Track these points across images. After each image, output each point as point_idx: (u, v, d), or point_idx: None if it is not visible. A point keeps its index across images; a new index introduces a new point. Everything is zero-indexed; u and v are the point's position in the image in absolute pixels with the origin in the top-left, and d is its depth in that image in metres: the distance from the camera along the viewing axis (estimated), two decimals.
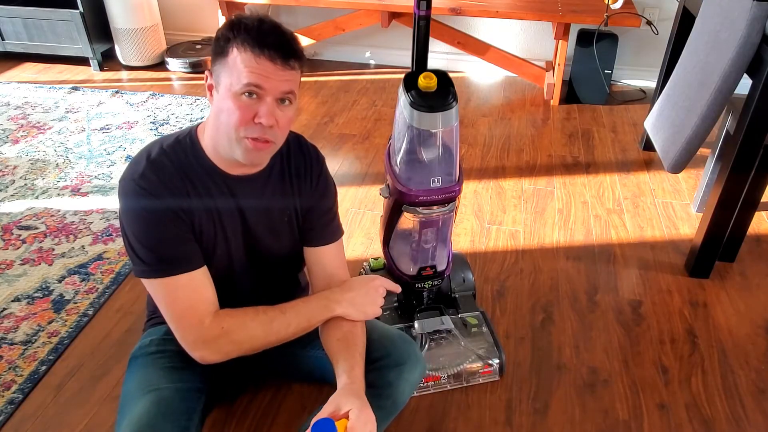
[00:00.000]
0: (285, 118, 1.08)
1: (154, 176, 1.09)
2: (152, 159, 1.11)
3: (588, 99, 3.13)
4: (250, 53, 1.02)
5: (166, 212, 1.09)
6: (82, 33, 3.27)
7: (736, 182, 1.78)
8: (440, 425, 1.46)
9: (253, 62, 1.02)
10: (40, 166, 2.50)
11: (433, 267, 1.55)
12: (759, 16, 1.61)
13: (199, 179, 1.14)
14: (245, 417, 1.46)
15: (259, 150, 1.08)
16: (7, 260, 1.96)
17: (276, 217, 1.24)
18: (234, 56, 1.03)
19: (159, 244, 1.09)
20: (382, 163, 2.53)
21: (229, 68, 1.04)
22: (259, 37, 1.02)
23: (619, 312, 1.81)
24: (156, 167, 1.10)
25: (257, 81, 1.02)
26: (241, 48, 1.02)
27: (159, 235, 1.09)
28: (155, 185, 1.09)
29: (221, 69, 1.06)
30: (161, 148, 1.13)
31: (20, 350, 1.64)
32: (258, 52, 1.02)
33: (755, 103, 1.65)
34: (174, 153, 1.13)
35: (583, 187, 2.42)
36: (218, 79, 1.07)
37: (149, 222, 1.09)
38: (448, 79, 1.31)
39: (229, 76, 1.04)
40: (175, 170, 1.11)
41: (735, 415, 1.50)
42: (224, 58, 1.05)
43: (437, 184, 1.36)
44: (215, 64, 1.07)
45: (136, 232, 1.09)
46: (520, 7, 2.92)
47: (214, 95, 1.08)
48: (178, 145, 1.14)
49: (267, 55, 1.02)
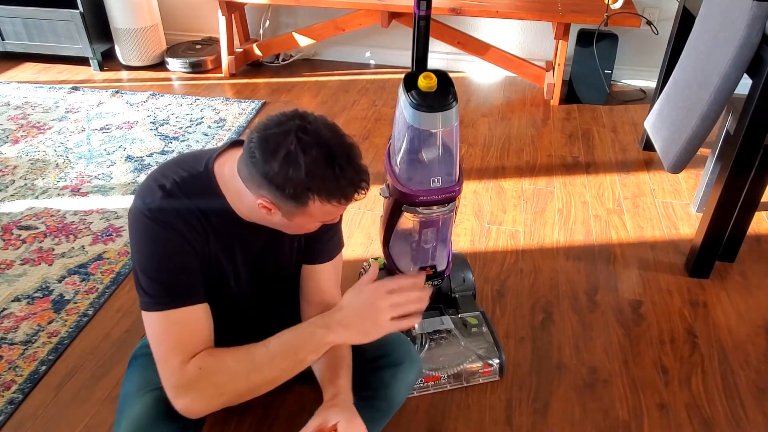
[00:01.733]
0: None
1: (169, 208, 1.03)
2: (168, 190, 1.04)
3: (588, 99, 3.13)
4: (331, 206, 0.97)
5: (177, 242, 1.03)
6: (82, 33, 3.27)
7: (736, 182, 1.78)
8: (440, 425, 1.46)
9: (332, 209, 0.99)
10: (40, 166, 2.50)
11: (433, 267, 1.55)
12: (759, 16, 1.61)
13: (212, 215, 1.08)
14: (245, 417, 1.46)
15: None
16: (7, 260, 1.97)
17: (286, 253, 1.22)
18: (313, 206, 0.97)
19: (163, 274, 1.03)
20: (382, 163, 2.52)
21: (304, 214, 0.99)
22: (342, 192, 0.96)
23: (619, 312, 1.81)
24: (171, 200, 1.04)
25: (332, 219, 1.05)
26: (324, 201, 0.96)
27: (165, 264, 1.03)
28: (169, 217, 1.03)
29: (292, 209, 0.98)
30: (175, 182, 1.06)
31: (20, 350, 1.64)
32: (340, 203, 0.97)
33: (755, 103, 1.65)
34: (189, 190, 1.06)
35: (583, 187, 2.42)
36: (285, 209, 0.99)
37: (157, 251, 1.03)
38: (448, 79, 1.31)
39: (302, 217, 1.00)
40: (190, 207, 1.05)
41: (735, 415, 1.50)
42: (299, 207, 0.97)
43: (437, 184, 1.36)
44: (283, 202, 0.97)
45: (142, 262, 1.03)
46: (520, 7, 2.92)
47: (273, 211, 1.00)
48: (194, 181, 1.07)
49: (344, 203, 0.99)
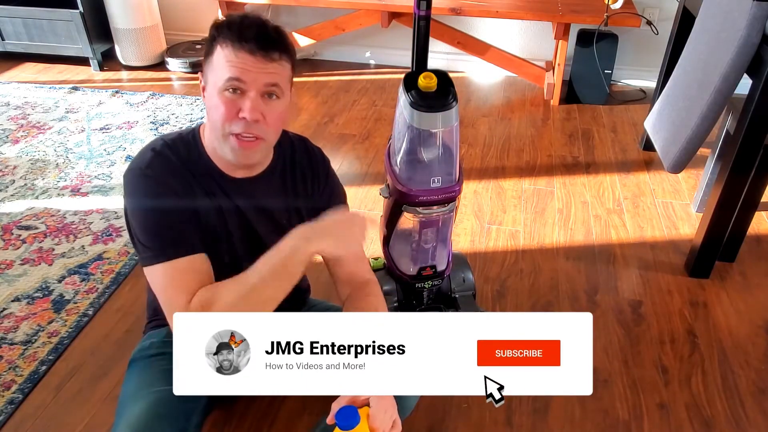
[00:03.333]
0: (273, 113, 1.07)
1: (160, 165, 1.10)
2: (157, 151, 1.12)
3: (588, 99, 3.13)
4: (230, 48, 1.03)
5: (170, 195, 1.09)
6: (82, 33, 3.27)
7: (736, 182, 1.78)
8: (440, 425, 1.46)
9: (233, 56, 1.02)
10: (40, 166, 2.50)
11: (433, 267, 1.55)
12: (759, 16, 1.61)
13: (201, 176, 1.14)
14: (245, 417, 1.46)
15: (246, 149, 1.08)
16: (7, 260, 1.96)
17: (277, 218, 1.23)
18: (217, 53, 1.04)
19: (161, 226, 1.08)
20: (382, 163, 2.52)
21: (213, 66, 1.05)
22: (239, 31, 1.03)
23: (619, 312, 1.81)
24: (161, 158, 1.11)
25: (237, 74, 1.02)
26: (223, 44, 1.03)
27: (162, 217, 1.08)
28: (161, 173, 1.10)
29: (208, 68, 1.07)
30: (164, 142, 1.14)
31: (20, 350, 1.64)
32: (238, 46, 1.02)
33: (755, 103, 1.65)
34: (177, 148, 1.14)
35: (583, 187, 2.42)
36: (207, 78, 1.08)
37: (153, 205, 1.09)
38: (448, 79, 1.31)
39: (213, 73, 1.05)
40: (178, 164, 1.12)
41: (735, 415, 1.50)
42: (210, 57, 1.06)
43: (437, 184, 1.36)
44: (205, 65, 1.08)
45: (139, 218, 1.09)
46: (520, 7, 2.92)
47: (206, 95, 1.09)
48: (181, 141, 1.15)
49: (246, 49, 1.02)
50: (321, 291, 1.77)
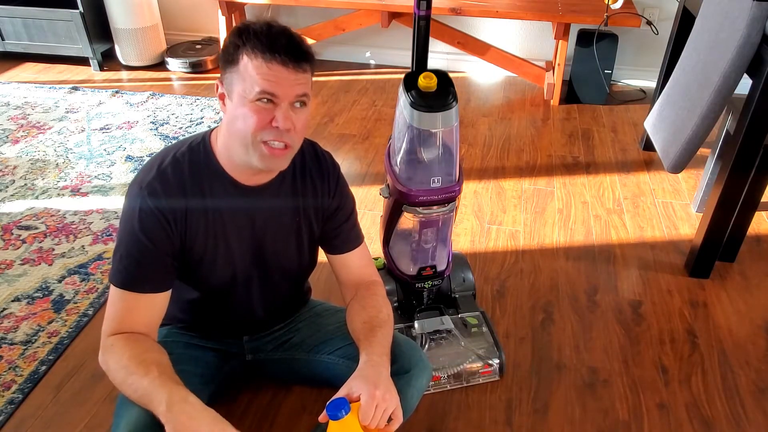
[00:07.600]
0: (300, 121, 1.07)
1: (160, 187, 1.09)
2: (162, 168, 1.11)
3: (588, 99, 3.13)
4: (261, 59, 1.00)
5: (154, 226, 1.09)
6: (82, 33, 3.27)
7: (736, 182, 1.78)
8: (440, 425, 1.46)
9: (265, 68, 1.00)
10: (40, 166, 2.50)
11: (433, 267, 1.56)
12: (759, 16, 1.61)
13: (210, 185, 1.13)
14: (245, 417, 1.46)
15: (276, 156, 1.07)
16: (7, 260, 1.96)
17: (286, 222, 1.23)
18: (245, 63, 1.01)
19: (133, 260, 1.10)
20: (382, 163, 2.53)
21: (240, 76, 1.02)
22: (269, 42, 1.00)
23: (619, 312, 1.81)
24: (163, 178, 1.10)
25: (271, 88, 1.01)
26: (252, 55, 1.01)
27: (135, 247, 1.10)
28: (156, 197, 1.09)
29: (233, 77, 1.04)
30: (174, 157, 1.12)
31: (20, 350, 1.64)
32: (269, 57, 1.00)
33: (755, 103, 1.65)
34: (186, 161, 1.12)
35: (583, 187, 2.42)
36: (230, 87, 1.05)
37: (133, 231, 1.09)
38: (448, 79, 1.31)
39: (241, 83, 1.02)
40: (186, 177, 1.11)
41: (735, 415, 1.50)
42: (235, 66, 1.03)
43: (437, 184, 1.36)
44: (226, 73, 1.05)
45: (122, 238, 1.11)
46: (520, 7, 2.92)
47: (227, 104, 1.07)
48: (191, 153, 1.14)
49: (279, 60, 1.00)
50: (321, 291, 1.77)
